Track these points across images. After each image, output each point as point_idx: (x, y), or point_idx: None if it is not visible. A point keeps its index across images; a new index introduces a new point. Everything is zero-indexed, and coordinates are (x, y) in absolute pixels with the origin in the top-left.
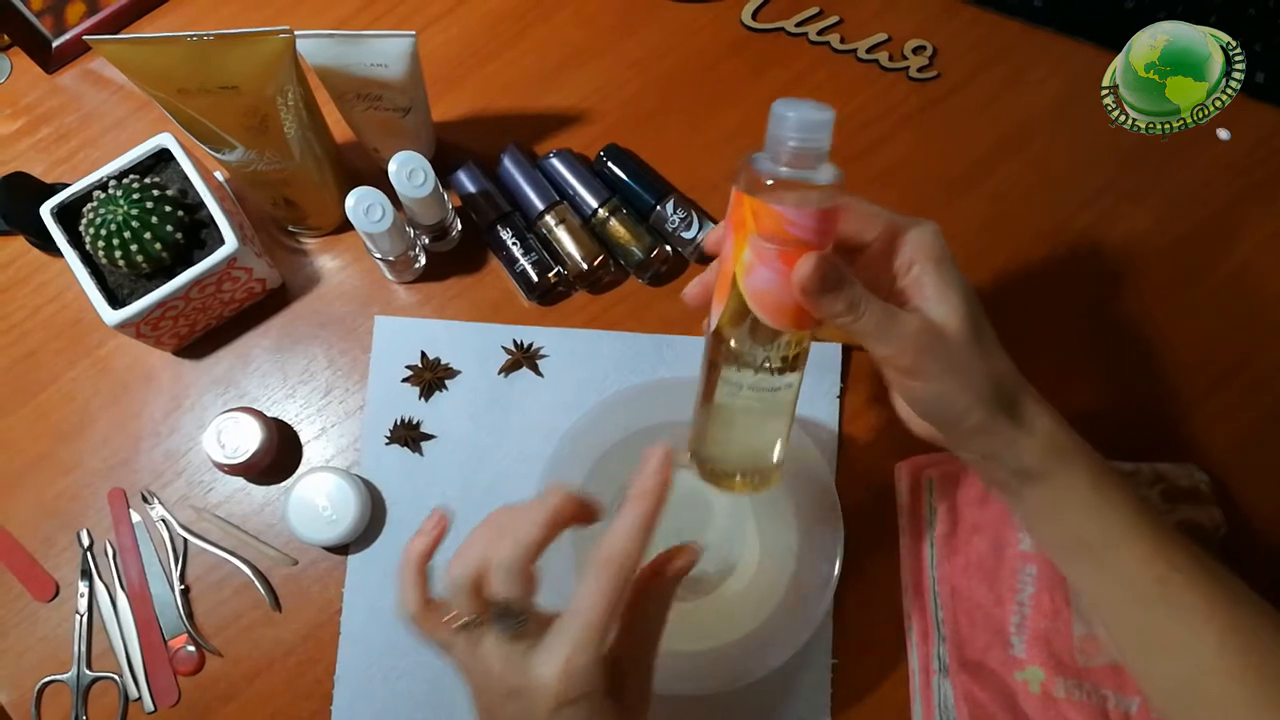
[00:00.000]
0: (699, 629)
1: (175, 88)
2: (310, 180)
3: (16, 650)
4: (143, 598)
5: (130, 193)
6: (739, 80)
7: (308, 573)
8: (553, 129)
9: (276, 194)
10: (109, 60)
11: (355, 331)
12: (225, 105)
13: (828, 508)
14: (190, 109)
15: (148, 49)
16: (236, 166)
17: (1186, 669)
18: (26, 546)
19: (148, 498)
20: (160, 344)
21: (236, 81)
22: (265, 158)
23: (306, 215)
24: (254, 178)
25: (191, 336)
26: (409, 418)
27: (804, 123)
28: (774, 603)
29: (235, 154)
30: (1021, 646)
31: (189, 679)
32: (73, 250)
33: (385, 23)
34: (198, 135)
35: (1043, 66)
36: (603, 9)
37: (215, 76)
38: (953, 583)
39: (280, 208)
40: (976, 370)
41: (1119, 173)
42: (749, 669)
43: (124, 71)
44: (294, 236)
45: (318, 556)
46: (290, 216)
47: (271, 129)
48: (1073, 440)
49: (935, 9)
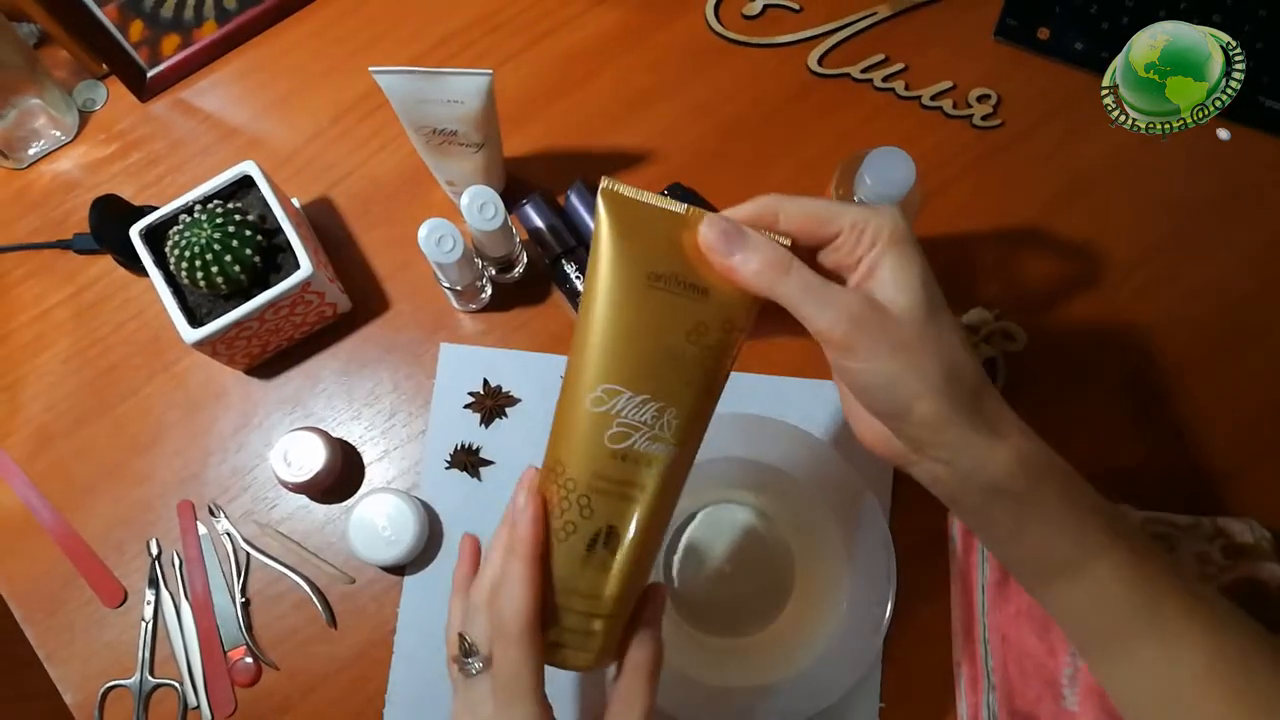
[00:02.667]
0: (747, 665)
1: (649, 269)
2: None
3: (84, 654)
4: (205, 608)
5: (214, 217)
6: (802, 125)
7: (364, 591)
8: (619, 167)
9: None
10: (605, 208)
11: (421, 358)
12: (678, 313)
13: (881, 549)
14: (639, 304)
15: (652, 211)
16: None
17: (1170, 692)
18: (99, 553)
19: (214, 511)
20: (233, 363)
21: (709, 284)
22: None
23: None
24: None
25: (263, 356)
26: (469, 443)
27: (875, 194)
28: (823, 643)
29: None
30: (1074, 699)
31: (246, 690)
32: (158, 270)
33: (460, 60)
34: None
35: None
36: (670, 52)
37: (693, 269)
38: (1003, 630)
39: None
40: (927, 352)
41: (1180, 225)
42: (797, 708)
43: (609, 227)
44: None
45: (375, 576)
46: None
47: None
48: (1044, 451)
49: (1002, 58)
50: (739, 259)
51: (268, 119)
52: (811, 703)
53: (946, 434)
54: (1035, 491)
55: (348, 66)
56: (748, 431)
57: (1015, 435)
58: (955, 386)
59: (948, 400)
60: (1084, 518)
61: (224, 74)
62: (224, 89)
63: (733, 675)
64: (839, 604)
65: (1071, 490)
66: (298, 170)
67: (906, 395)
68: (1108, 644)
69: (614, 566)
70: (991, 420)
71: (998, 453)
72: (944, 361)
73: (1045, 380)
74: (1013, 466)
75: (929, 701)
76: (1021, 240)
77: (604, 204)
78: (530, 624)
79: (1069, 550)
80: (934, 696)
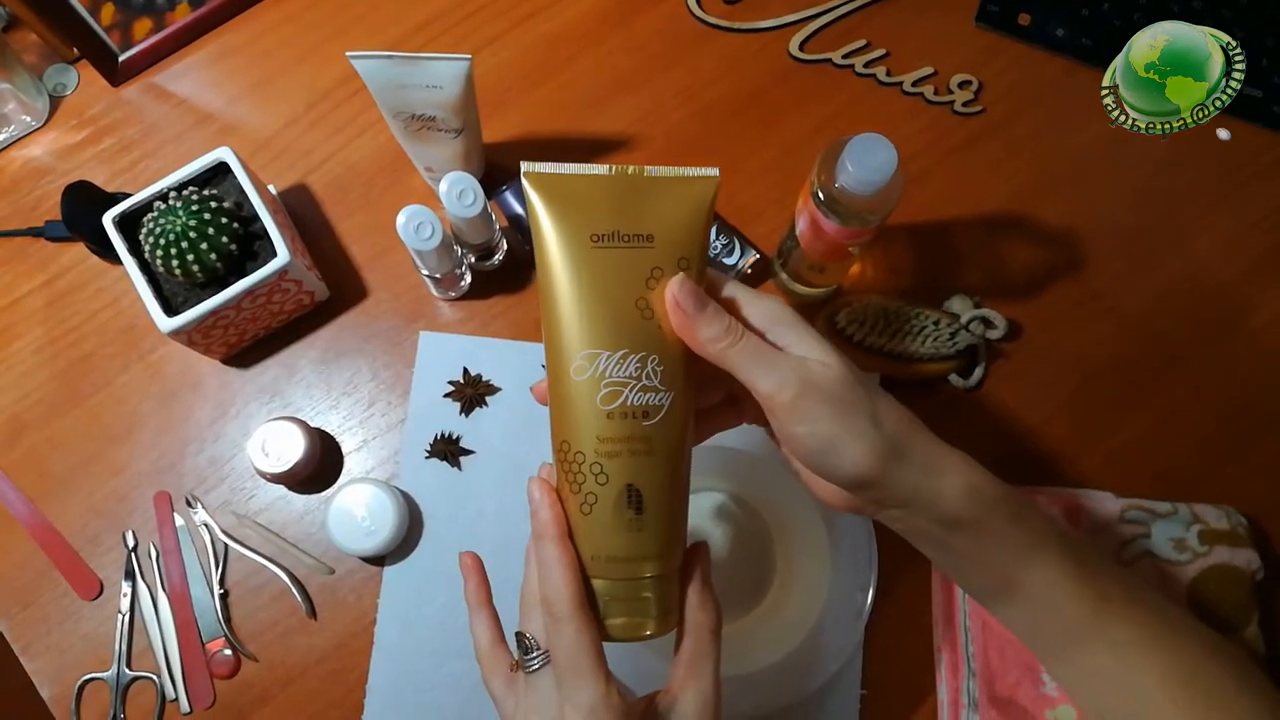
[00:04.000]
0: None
1: (589, 231)
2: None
3: (60, 647)
4: (183, 600)
5: (189, 204)
6: (784, 110)
7: (344, 582)
8: (600, 153)
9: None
10: (533, 188)
11: (399, 346)
12: (631, 263)
13: (862, 536)
14: (591, 265)
15: (576, 180)
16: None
17: (1132, 704)
18: (74, 545)
19: (191, 502)
20: (210, 352)
21: (653, 230)
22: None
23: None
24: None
25: (240, 345)
26: (449, 432)
27: (856, 181)
28: (805, 630)
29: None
30: (1054, 684)
31: (225, 682)
32: (132, 258)
33: (439, 45)
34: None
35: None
36: (652, 37)
37: (634, 220)
38: (984, 616)
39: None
40: (859, 410)
41: (1160, 213)
42: (778, 696)
43: (542, 205)
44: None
45: (354, 566)
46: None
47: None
48: (986, 477)
49: (983, 44)
50: (700, 322)
51: (243, 104)
52: (794, 689)
53: (892, 481)
54: (988, 520)
55: (324, 51)
56: None
57: (958, 467)
58: (889, 437)
59: (885, 449)
60: (1037, 536)
61: (198, 59)
62: (198, 74)
63: None
64: (820, 592)
65: (1022, 513)
66: (274, 157)
67: (848, 453)
68: (1061, 652)
69: (646, 524)
70: (933, 459)
71: (946, 487)
72: (876, 415)
73: (1025, 367)
74: (962, 499)
75: (910, 687)
76: (1002, 227)
77: (530, 185)
78: (576, 598)
79: (1022, 567)
80: (915, 682)
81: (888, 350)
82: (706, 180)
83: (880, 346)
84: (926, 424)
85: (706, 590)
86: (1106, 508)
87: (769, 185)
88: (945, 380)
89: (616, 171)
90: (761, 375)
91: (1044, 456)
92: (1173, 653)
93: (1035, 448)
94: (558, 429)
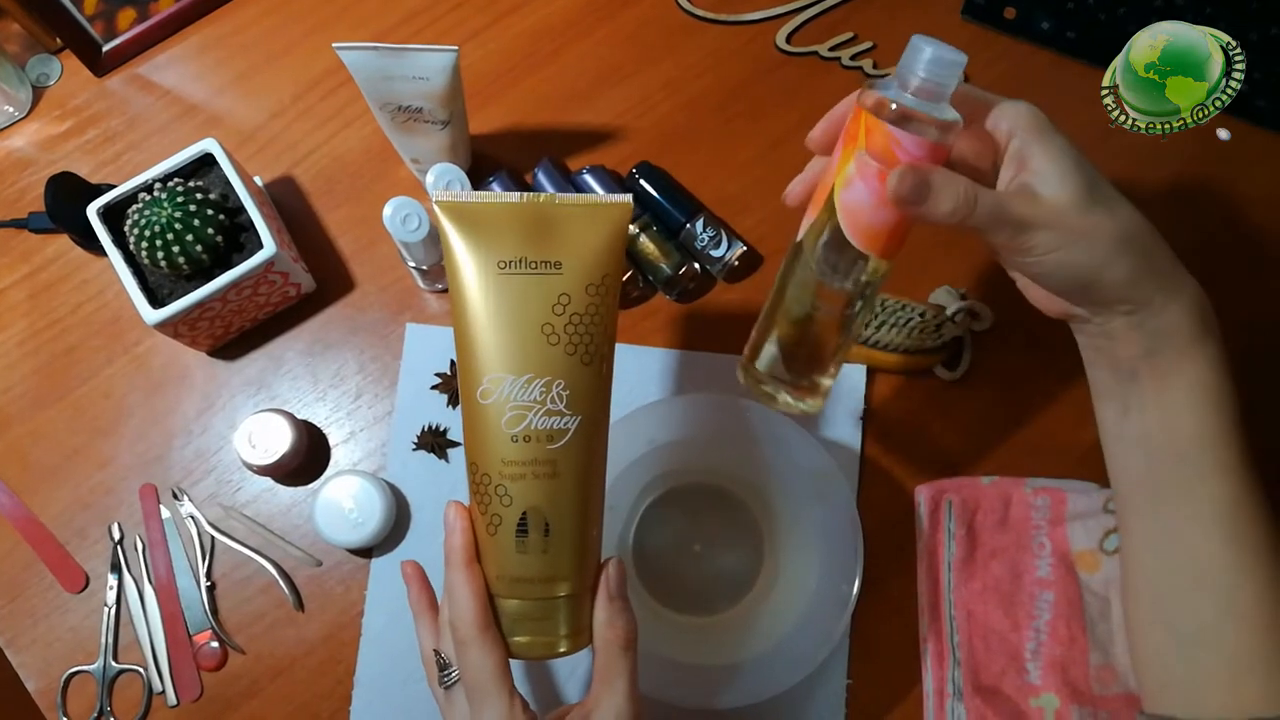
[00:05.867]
0: (717, 643)
1: (496, 258)
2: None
3: (45, 640)
4: (170, 592)
5: (174, 196)
6: (771, 103)
7: (331, 574)
8: (587, 145)
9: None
10: (445, 215)
11: (386, 338)
12: (538, 290)
13: (848, 528)
14: (497, 291)
15: (485, 208)
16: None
17: (1217, 611)
18: (59, 538)
19: (178, 494)
20: (196, 344)
21: (561, 257)
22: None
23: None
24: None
25: (226, 338)
26: (436, 424)
27: (937, 60)
28: (791, 620)
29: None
30: (1037, 673)
31: (212, 674)
32: (116, 250)
33: (425, 36)
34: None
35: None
36: (640, 29)
37: (543, 247)
38: (969, 607)
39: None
40: (1101, 231)
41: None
42: (764, 686)
43: (453, 231)
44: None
45: (342, 559)
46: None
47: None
48: (1211, 315)
49: (969, 37)
50: (930, 204)
51: (228, 95)
52: (780, 679)
53: (1132, 292)
54: (1201, 338)
55: (310, 42)
56: (715, 411)
57: (1191, 285)
58: (1135, 249)
59: (1129, 261)
60: (1223, 397)
61: (183, 49)
62: (183, 64)
63: (702, 653)
64: (807, 582)
65: (1222, 365)
66: (260, 148)
67: (1090, 274)
68: (1178, 541)
69: (551, 547)
70: (1169, 273)
71: (1177, 301)
72: (1118, 233)
73: (1012, 359)
74: (1188, 315)
75: (896, 677)
76: None
77: (441, 213)
78: (479, 624)
79: (1194, 428)
80: (900, 672)
81: (874, 341)
82: (619, 206)
83: (866, 338)
84: (913, 417)
85: (615, 605)
86: (1090, 498)
87: (756, 178)
88: (931, 372)
89: (526, 200)
90: (996, 234)
91: (1028, 447)
92: (1246, 488)
93: (1019, 439)
94: (468, 451)
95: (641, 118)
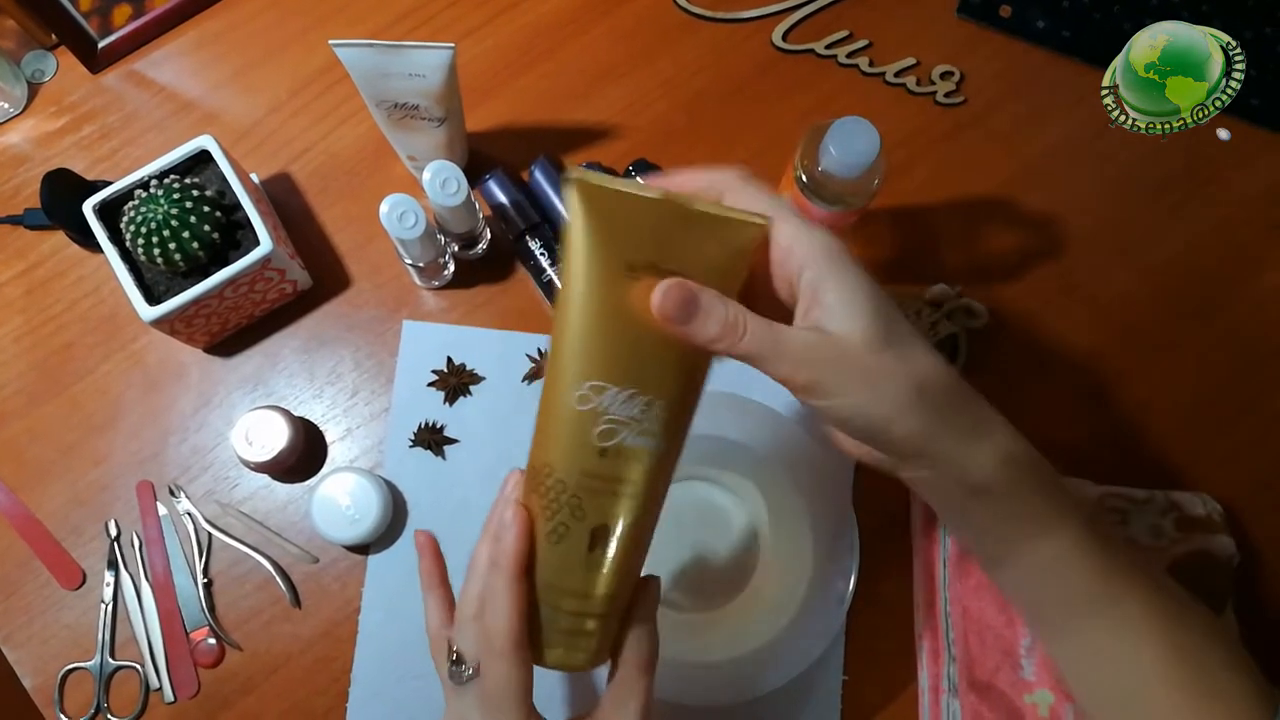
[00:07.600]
0: (712, 641)
1: (627, 259)
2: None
3: (42, 637)
4: (166, 589)
5: (171, 192)
6: (767, 100)
7: (328, 571)
8: (583, 142)
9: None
10: (580, 199)
11: (383, 335)
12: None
13: (844, 525)
14: (621, 294)
15: (624, 200)
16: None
17: (1126, 681)
18: (55, 535)
19: (174, 491)
20: (192, 341)
21: (684, 269)
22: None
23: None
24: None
25: (223, 334)
26: (433, 421)
27: (839, 164)
28: (788, 617)
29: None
30: (1031, 669)
31: (209, 671)
32: (113, 246)
33: (421, 33)
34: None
35: (1068, 95)
36: (636, 27)
37: (669, 253)
38: (964, 603)
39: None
40: (893, 376)
41: (1139, 203)
42: (761, 682)
43: (584, 219)
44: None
45: (338, 555)
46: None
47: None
48: (1025, 448)
49: (964, 35)
50: (695, 326)
51: (224, 92)
52: (776, 675)
53: (928, 447)
54: (1016, 490)
55: (306, 39)
56: (713, 408)
57: (997, 434)
58: (928, 402)
59: (922, 417)
60: (1058, 509)
61: (178, 45)
62: (178, 61)
63: (698, 649)
64: (803, 579)
65: (1049, 484)
66: (256, 145)
67: (881, 421)
68: (1061, 624)
69: (607, 565)
70: (972, 423)
71: (979, 456)
72: (912, 380)
73: (1006, 356)
74: (995, 468)
75: (891, 673)
76: (983, 217)
77: (577, 195)
78: (518, 640)
79: (1035, 536)
80: (896, 668)
81: None
82: (754, 226)
83: None
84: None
85: (646, 627)
86: (1085, 495)
87: (753, 173)
88: None
89: (666, 198)
90: (773, 364)
91: None
92: (1171, 633)
93: None
94: (541, 450)
95: (638, 115)
